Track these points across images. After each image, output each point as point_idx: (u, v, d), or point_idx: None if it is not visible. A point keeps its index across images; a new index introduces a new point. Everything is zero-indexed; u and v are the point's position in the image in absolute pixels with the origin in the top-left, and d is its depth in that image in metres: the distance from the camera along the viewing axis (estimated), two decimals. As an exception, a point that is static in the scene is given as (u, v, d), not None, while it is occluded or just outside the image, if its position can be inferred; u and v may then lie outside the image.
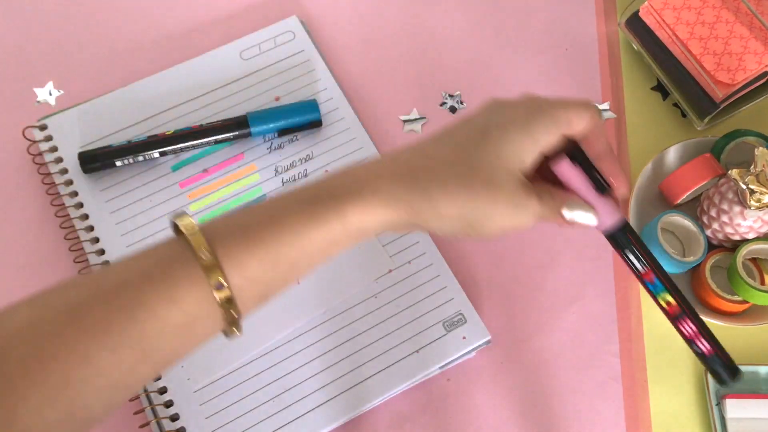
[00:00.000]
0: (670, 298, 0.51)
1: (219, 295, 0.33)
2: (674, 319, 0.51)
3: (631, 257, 0.49)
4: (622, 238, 0.50)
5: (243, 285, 0.34)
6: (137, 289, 0.33)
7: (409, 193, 0.37)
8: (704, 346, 0.50)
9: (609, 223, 0.49)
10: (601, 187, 0.50)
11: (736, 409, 0.51)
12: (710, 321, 0.53)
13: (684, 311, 0.51)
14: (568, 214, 0.43)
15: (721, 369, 0.50)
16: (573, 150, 0.48)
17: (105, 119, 0.59)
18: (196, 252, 0.33)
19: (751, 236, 0.53)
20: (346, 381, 0.51)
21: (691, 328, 0.51)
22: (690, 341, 0.51)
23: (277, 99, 0.60)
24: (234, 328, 0.35)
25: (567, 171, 0.50)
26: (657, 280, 0.50)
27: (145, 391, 0.51)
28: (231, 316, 0.34)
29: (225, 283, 0.33)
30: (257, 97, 0.60)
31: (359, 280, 0.54)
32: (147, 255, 0.35)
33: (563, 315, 0.55)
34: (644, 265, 0.50)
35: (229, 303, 0.34)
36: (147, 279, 0.33)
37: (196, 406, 0.50)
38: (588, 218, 0.44)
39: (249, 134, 0.58)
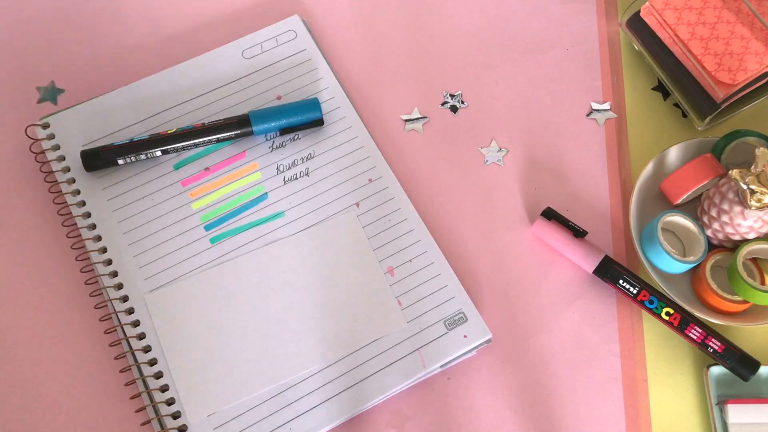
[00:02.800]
0: (669, 309, 0.53)
1: None
2: (681, 328, 0.53)
3: (625, 284, 0.53)
4: (610, 270, 0.53)
5: None
6: None
7: None
8: (716, 344, 0.52)
9: (595, 261, 0.54)
10: (578, 233, 0.55)
11: (737, 414, 0.51)
12: (710, 321, 0.53)
13: (686, 317, 0.52)
14: None
15: (738, 363, 0.51)
16: (545, 210, 0.55)
17: (107, 118, 0.59)
18: None
19: (751, 236, 0.53)
20: (346, 379, 0.52)
21: (698, 331, 0.52)
22: (702, 344, 0.52)
23: (279, 98, 0.60)
24: None
25: (543, 227, 0.55)
26: (653, 297, 0.53)
27: (147, 388, 0.51)
28: None
29: None
30: (259, 95, 0.60)
31: (359, 279, 0.54)
32: None
33: (564, 314, 0.55)
34: (637, 287, 0.53)
35: None
36: None
37: (196, 404, 0.51)
38: None
39: (251, 133, 0.58)
